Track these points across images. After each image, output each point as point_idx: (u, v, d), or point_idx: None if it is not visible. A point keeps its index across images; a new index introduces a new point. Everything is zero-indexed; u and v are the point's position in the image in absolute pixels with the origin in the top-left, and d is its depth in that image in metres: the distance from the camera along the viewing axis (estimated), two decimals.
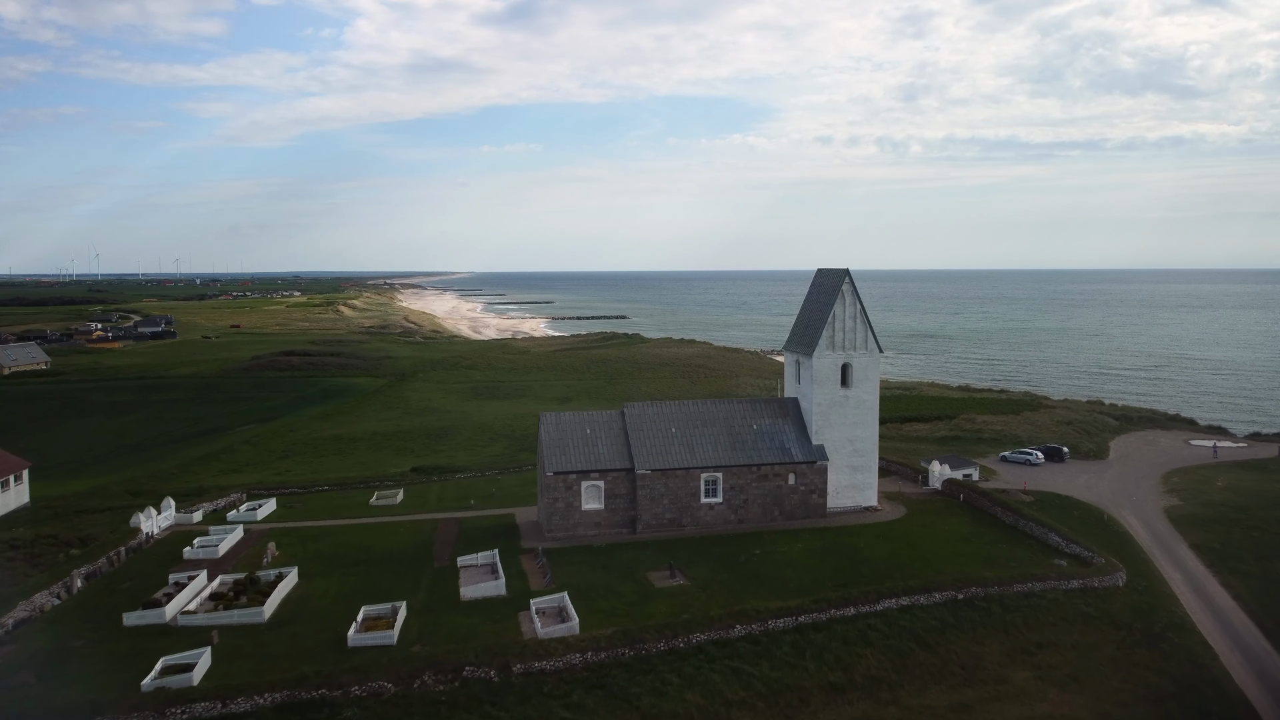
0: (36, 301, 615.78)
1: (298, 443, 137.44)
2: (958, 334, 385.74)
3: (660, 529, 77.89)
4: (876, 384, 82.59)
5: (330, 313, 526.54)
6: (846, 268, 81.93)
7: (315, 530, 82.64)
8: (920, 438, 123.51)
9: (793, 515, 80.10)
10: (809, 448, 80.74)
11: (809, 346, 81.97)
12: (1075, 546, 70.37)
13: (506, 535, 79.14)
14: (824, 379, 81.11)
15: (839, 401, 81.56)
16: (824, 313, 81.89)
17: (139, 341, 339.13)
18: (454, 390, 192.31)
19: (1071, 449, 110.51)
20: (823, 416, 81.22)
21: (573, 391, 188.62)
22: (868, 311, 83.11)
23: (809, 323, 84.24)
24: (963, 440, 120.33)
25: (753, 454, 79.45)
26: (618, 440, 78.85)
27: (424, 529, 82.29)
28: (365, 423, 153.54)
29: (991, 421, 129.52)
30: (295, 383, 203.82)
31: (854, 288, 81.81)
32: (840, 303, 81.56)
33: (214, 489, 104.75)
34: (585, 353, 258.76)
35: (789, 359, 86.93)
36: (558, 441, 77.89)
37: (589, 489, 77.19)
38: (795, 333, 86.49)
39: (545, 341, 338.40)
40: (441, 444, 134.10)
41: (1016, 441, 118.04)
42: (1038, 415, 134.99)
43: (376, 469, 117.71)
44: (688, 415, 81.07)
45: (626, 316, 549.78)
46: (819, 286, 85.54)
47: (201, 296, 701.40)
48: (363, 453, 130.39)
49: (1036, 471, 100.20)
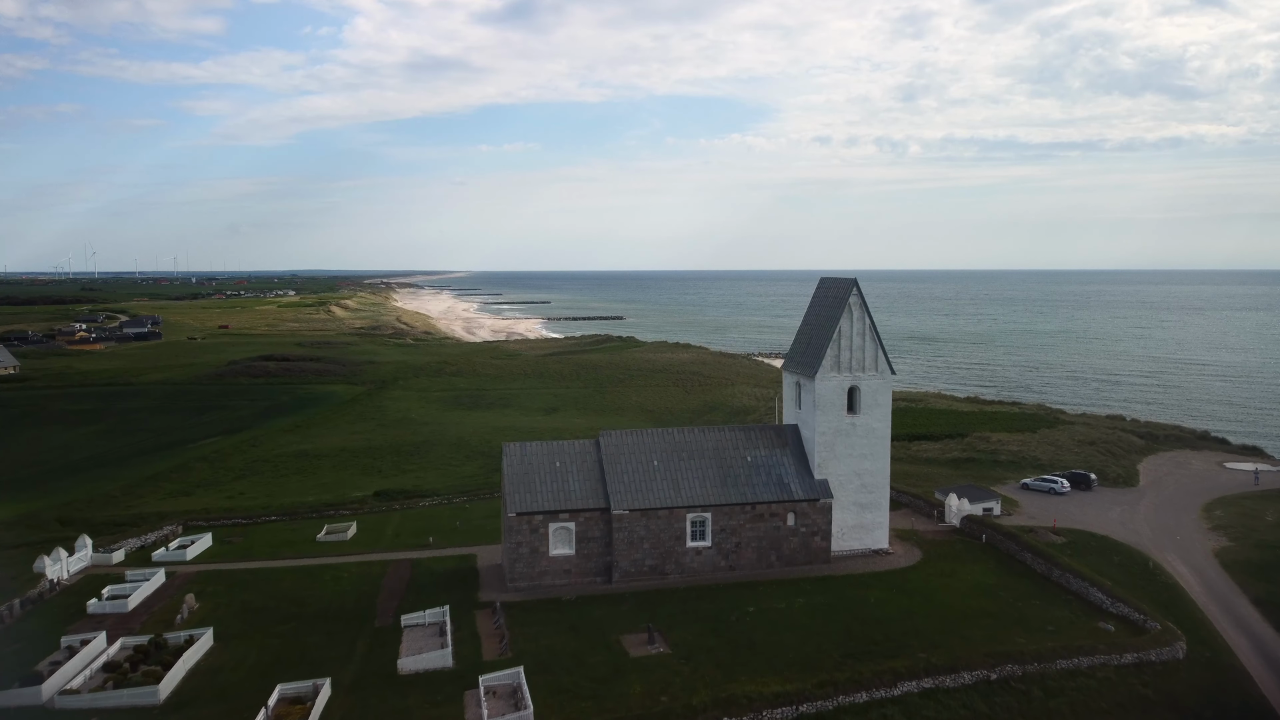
0: (25, 300, 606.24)
1: (259, 460, 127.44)
2: (958, 336, 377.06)
3: (640, 578, 67.84)
4: (888, 410, 72.49)
5: (322, 313, 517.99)
6: (854, 278, 71.89)
7: (247, 575, 72.53)
8: (930, 459, 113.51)
9: (792, 560, 70.06)
10: (810, 483, 70.67)
11: (810, 367, 71.91)
12: (1122, 606, 60.31)
13: (463, 583, 69.09)
14: (828, 404, 71.05)
15: (845, 430, 71.50)
16: (828, 328, 71.83)
17: (122, 343, 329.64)
18: (434, 399, 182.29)
19: (1098, 474, 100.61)
20: (826, 447, 71.17)
21: (559, 401, 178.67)
22: (877, 325, 73.09)
23: (811, 339, 74.16)
24: (978, 463, 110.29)
25: (746, 490, 69.39)
26: (592, 475, 68.77)
27: (372, 573, 72.22)
28: (335, 436, 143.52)
29: (1007, 441, 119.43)
30: (269, 390, 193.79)
31: (862, 300, 71.78)
32: (847, 317, 71.52)
33: (153, 517, 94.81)
34: (576, 357, 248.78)
35: (788, 380, 76.88)
36: (522, 476, 67.81)
37: (558, 532, 67.12)
38: (795, 351, 76.37)
39: (538, 344, 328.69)
40: (412, 462, 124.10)
41: (1037, 465, 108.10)
42: (1056, 434, 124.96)
43: (338, 492, 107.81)
44: (672, 445, 70.94)
45: (623, 317, 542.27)
46: (822, 298, 75.49)
47: (195, 295, 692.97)
48: (326, 472, 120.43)
49: (1063, 503, 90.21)
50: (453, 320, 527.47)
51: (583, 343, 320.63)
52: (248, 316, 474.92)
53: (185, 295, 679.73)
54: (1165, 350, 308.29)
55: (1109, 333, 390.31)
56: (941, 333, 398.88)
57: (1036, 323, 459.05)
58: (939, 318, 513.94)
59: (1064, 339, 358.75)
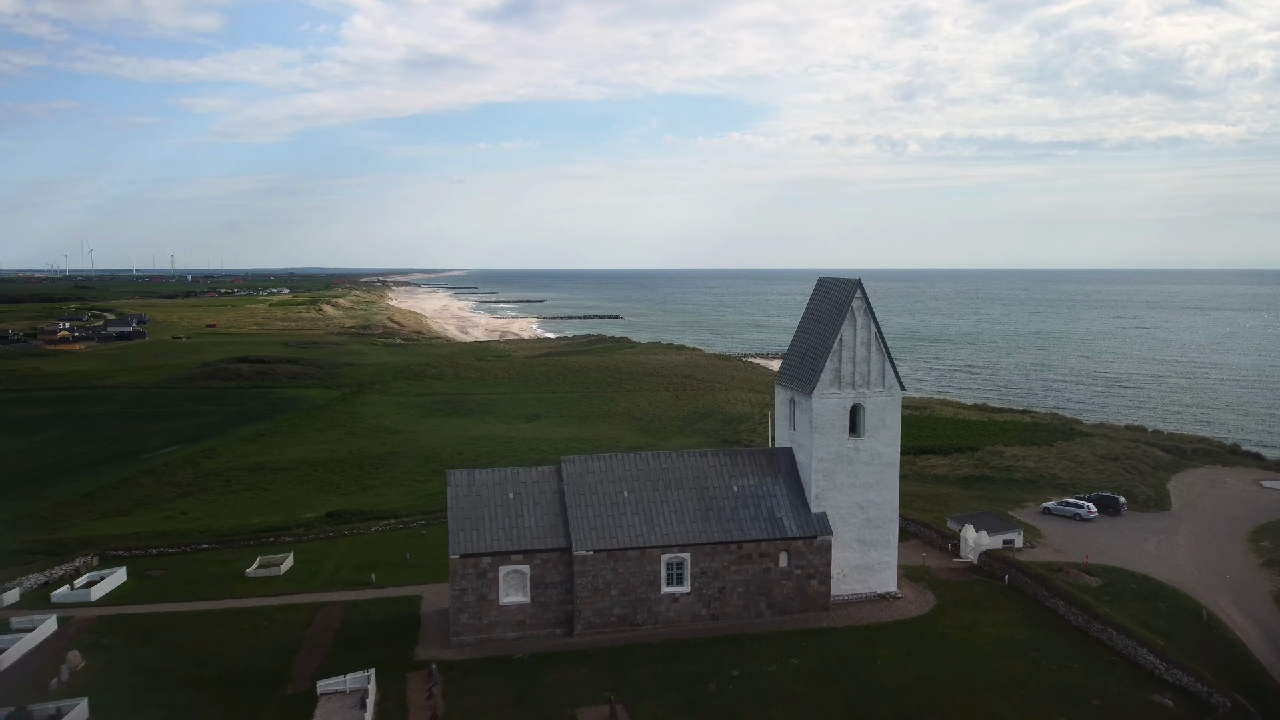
0: (14, 299, 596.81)
1: (211, 474, 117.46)
2: (959, 337, 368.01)
3: (606, 629, 57.93)
4: (897, 432, 62.50)
5: (313, 312, 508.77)
6: (857, 278, 61.91)
7: (153, 622, 62.56)
8: (939, 477, 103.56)
9: (785, 609, 60.12)
10: (807, 517, 60.75)
11: (807, 382, 61.91)
12: (1180, 673, 50.39)
13: (401, 635, 59.16)
14: (827, 425, 61.10)
15: (847, 455, 61.54)
16: (827, 337, 61.86)
17: (104, 343, 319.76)
18: (412, 405, 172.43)
19: (1126, 495, 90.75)
20: (825, 475, 61.22)
21: (543, 407, 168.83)
22: (883, 333, 63.11)
23: (807, 350, 64.15)
24: (992, 482, 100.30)
25: (731, 526, 59.47)
26: (551, 508, 58.82)
27: (298, 621, 62.26)
28: (299, 447, 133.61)
29: (1022, 456, 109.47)
30: (239, 395, 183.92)
31: (867, 303, 61.82)
32: (849, 323, 61.54)
33: (75, 544, 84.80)
34: (565, 359, 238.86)
35: (781, 397, 66.88)
36: (469, 510, 57.84)
37: (510, 577, 57.17)
38: (790, 363, 66.32)
39: (529, 344, 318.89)
40: (375, 477, 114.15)
41: (1057, 485, 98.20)
42: (1074, 447, 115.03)
43: (289, 512, 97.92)
44: (645, 473, 60.94)
45: (619, 316, 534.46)
46: (821, 302, 65.47)
47: (189, 294, 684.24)
48: (281, 488, 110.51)
49: (1091, 531, 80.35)
50: (446, 319, 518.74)
51: (575, 343, 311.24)
52: (237, 315, 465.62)
53: (179, 293, 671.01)
54: (1171, 351, 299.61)
55: (1111, 333, 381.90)
56: (942, 333, 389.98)
57: (1037, 323, 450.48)
58: (939, 317, 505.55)
59: (1066, 339, 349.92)
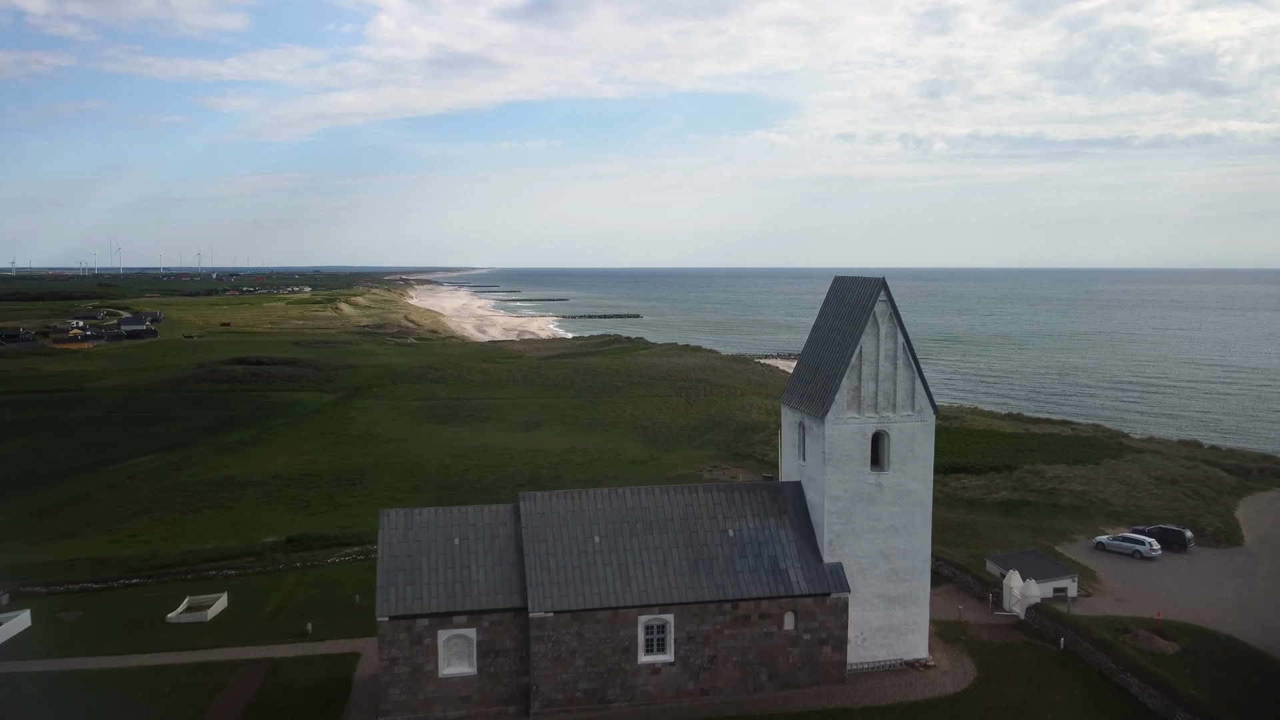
0: (36, 296, 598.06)
1: (176, 489, 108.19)
2: (985, 338, 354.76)
3: (570, 707, 47.38)
4: (929, 465, 51.44)
5: (329, 310, 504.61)
6: (880, 276, 50.83)
7: (34, 685, 52.68)
8: (974, 501, 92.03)
9: (791, 681, 49.28)
10: (818, 569, 49.90)
11: (819, 403, 51.00)
12: None
13: (324, 707, 48.94)
14: (844, 457, 50.18)
15: (868, 493, 50.60)
16: (844, 348, 50.92)
17: (114, 341, 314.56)
18: (408, 410, 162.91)
19: (1190, 526, 79.08)
20: (841, 517, 50.32)
21: (546, 413, 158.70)
22: (912, 343, 52.08)
23: (820, 363, 53.18)
24: (1034, 509, 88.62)
25: (725, 581, 48.74)
26: (504, 557, 48.35)
27: (208, 685, 52.22)
28: (278, 457, 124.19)
29: (1066, 477, 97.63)
30: (229, 398, 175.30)
31: (893, 307, 50.82)
32: (871, 331, 50.57)
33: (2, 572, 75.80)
34: (576, 361, 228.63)
35: (788, 419, 55.94)
36: (404, 560, 47.48)
37: (452, 642, 46.75)
38: (799, 379, 55.34)
39: (543, 345, 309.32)
40: (350, 494, 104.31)
41: (1108, 511, 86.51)
42: (1124, 466, 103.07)
43: (247, 535, 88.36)
44: (621, 514, 50.28)
45: (640, 316, 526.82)
46: (837, 305, 54.44)
47: (210, 291, 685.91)
48: (247, 506, 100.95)
49: (1154, 572, 68.83)
50: (465, 318, 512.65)
51: (589, 344, 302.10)
52: (252, 314, 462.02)
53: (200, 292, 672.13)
54: (1208, 354, 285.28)
55: (1144, 334, 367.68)
56: (969, 334, 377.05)
57: (1068, 324, 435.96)
58: (965, 317, 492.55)
59: (1097, 341, 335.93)
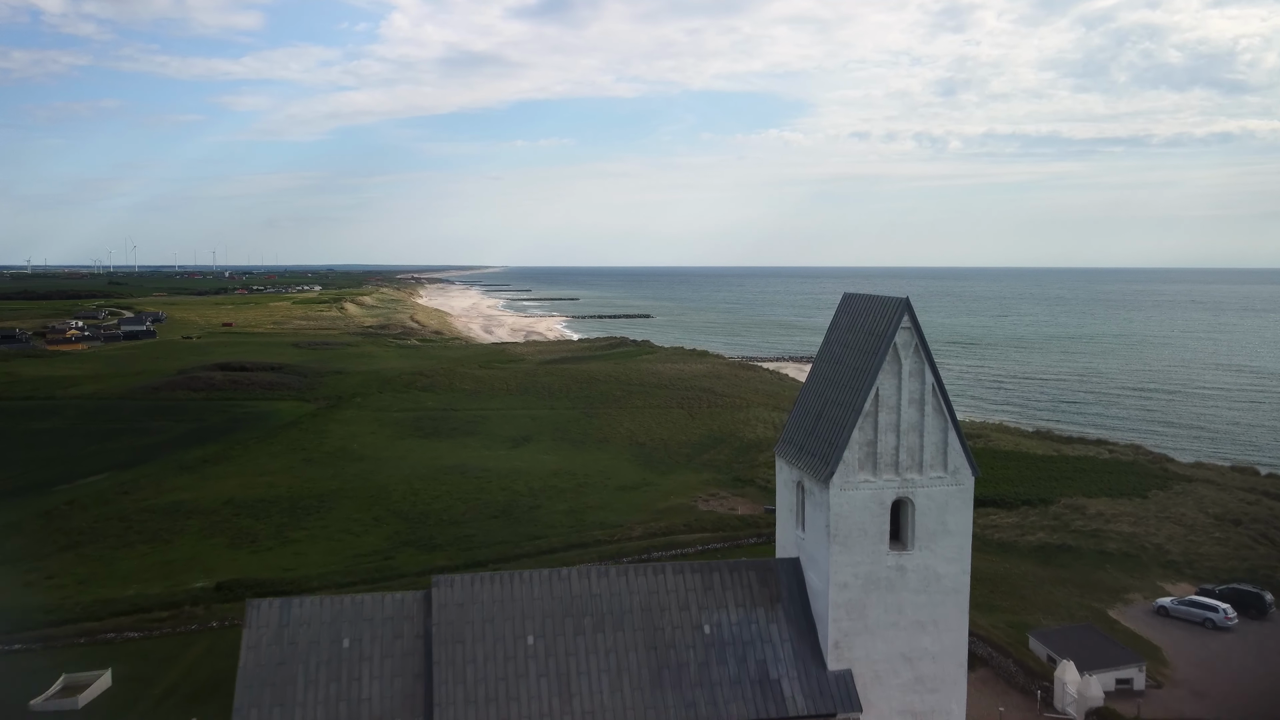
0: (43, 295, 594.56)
1: (115, 517, 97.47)
2: (1002, 340, 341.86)
3: None
4: (966, 541, 39.53)
5: (334, 310, 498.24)
6: (905, 298, 38.98)
7: None
8: (1006, 544, 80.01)
9: None
10: (820, 679, 38.25)
11: (822, 460, 39.29)
12: None
13: None
14: (854, 531, 38.49)
15: (886, 579, 38.86)
16: (856, 389, 39.18)
17: (110, 342, 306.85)
18: (390, 423, 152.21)
19: (1266, 581, 67.13)
20: (851, 610, 38.62)
21: (537, 426, 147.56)
22: (941, 375, 40.41)
23: (825, 407, 41.39)
24: (1078, 556, 76.51)
25: (698, 696, 37.14)
26: (407, 664, 36.94)
27: None
28: (235, 479, 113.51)
29: (1112, 514, 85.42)
30: (203, 408, 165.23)
31: (919, 336, 39.03)
32: (892, 367, 38.80)
33: None
34: (576, 368, 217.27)
35: (784, 475, 44.07)
36: (273, 668, 36.11)
37: None
38: (798, 424, 43.48)
39: (547, 347, 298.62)
40: (305, 525, 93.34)
41: (1165, 560, 74.44)
42: (1175, 500, 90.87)
43: (175, 578, 77.66)
44: (564, 603, 38.67)
45: (650, 316, 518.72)
46: (848, 331, 42.59)
47: (220, 290, 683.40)
48: (187, 539, 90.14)
49: (1233, 648, 56.97)
50: (472, 318, 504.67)
51: (594, 346, 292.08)
52: (256, 314, 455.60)
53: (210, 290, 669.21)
54: (1235, 358, 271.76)
55: (1167, 337, 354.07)
56: (984, 335, 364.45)
57: (1086, 325, 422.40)
58: (980, 318, 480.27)
59: (1120, 344, 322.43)
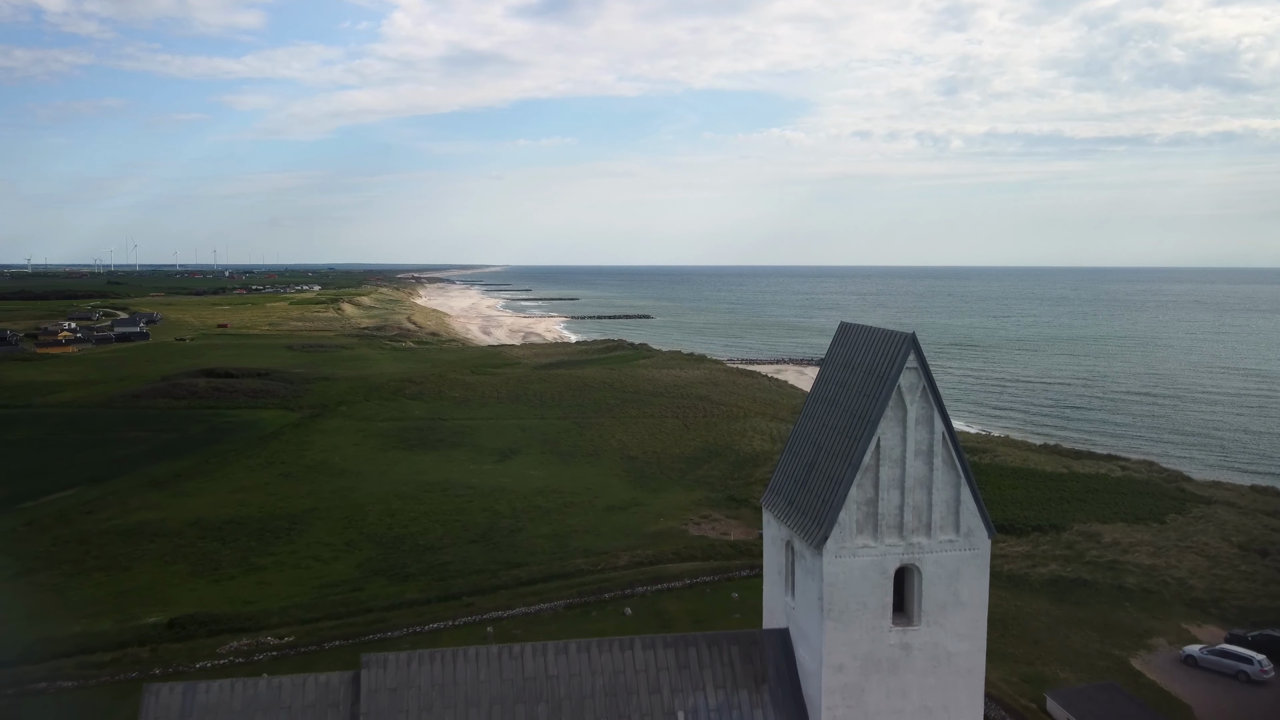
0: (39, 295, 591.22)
1: (74, 540, 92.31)
2: (1005, 342, 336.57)
3: None
4: (981, 614, 34.30)
5: (330, 311, 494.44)
6: (911, 333, 33.72)
7: None
8: (1017, 578, 74.61)
9: None
10: None
11: (814, 521, 33.99)
12: None
13: None
14: (851, 604, 33.19)
15: (889, 658, 33.54)
16: (854, 438, 33.83)
17: (101, 344, 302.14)
18: (375, 434, 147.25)
19: None
20: (848, 695, 33.30)
21: (526, 438, 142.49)
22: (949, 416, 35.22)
23: (819, 456, 36.04)
24: (1095, 592, 71.10)
25: None
26: None
27: None
28: (207, 497, 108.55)
29: (1128, 543, 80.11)
30: (183, 418, 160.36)
31: (928, 379, 33.71)
32: (895, 415, 33.42)
33: None
34: (570, 374, 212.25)
35: (771, 532, 38.71)
36: None
37: None
38: (786, 475, 38.11)
39: (543, 350, 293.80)
40: (273, 550, 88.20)
41: (1189, 597, 69.10)
42: (1194, 526, 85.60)
43: (127, 613, 72.66)
44: (514, 687, 33.32)
45: (650, 316, 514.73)
46: (845, 368, 37.21)
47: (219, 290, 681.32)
48: (147, 565, 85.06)
49: (1270, 703, 51.75)
50: (471, 319, 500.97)
51: (591, 349, 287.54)
52: (252, 315, 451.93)
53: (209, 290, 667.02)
54: (1245, 360, 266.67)
55: (1173, 338, 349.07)
56: (987, 337, 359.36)
57: (1089, 326, 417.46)
58: (982, 319, 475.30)
59: (1124, 346, 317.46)
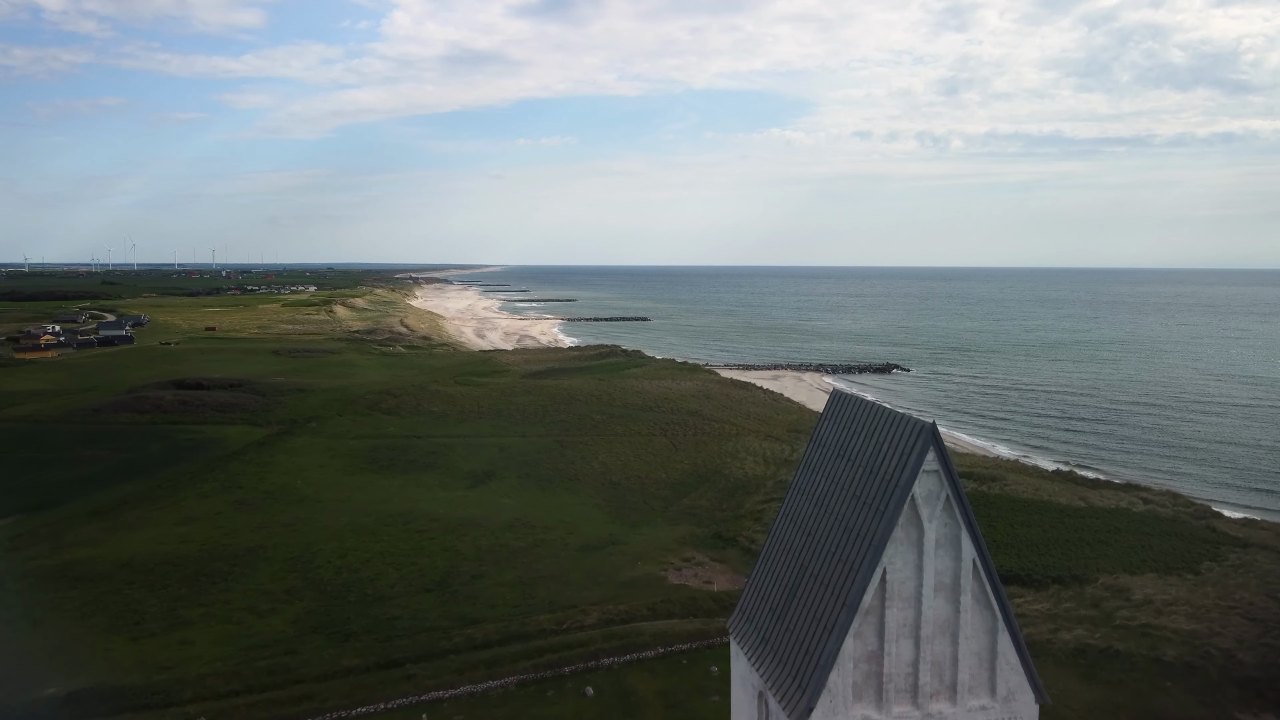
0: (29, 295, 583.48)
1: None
2: (1007, 347, 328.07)
3: None
4: None
5: (322, 313, 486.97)
6: (931, 422, 24.69)
7: None
8: (1039, 647, 65.12)
9: None
10: None
11: (795, 680, 24.79)
12: None
13: None
14: None
15: None
16: (851, 562, 24.71)
17: (81, 350, 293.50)
18: (343, 453, 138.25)
19: None
20: None
21: (503, 460, 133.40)
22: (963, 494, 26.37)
23: (800, 578, 26.89)
24: (1130, 667, 61.81)
25: None
26: None
27: None
28: (148, 530, 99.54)
29: (1162, 601, 70.88)
30: (143, 435, 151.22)
31: (953, 481, 24.65)
32: (910, 532, 24.35)
33: None
34: (558, 383, 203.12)
35: (740, 669, 29.55)
36: None
37: None
38: (760, 594, 28.89)
39: (535, 355, 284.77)
40: (199, 604, 78.74)
41: (1235, 670, 59.92)
42: (1233, 577, 76.44)
43: (15, 687, 63.47)
44: None
45: (647, 319, 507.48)
46: (840, 461, 27.86)
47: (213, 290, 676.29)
48: (63, 621, 75.87)
49: None
50: (466, 321, 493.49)
51: (584, 355, 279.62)
52: (242, 317, 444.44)
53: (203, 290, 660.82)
54: (1255, 367, 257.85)
55: (1177, 343, 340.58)
56: (988, 341, 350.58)
57: (1092, 330, 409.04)
58: (983, 321, 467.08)
59: (1128, 351, 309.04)
